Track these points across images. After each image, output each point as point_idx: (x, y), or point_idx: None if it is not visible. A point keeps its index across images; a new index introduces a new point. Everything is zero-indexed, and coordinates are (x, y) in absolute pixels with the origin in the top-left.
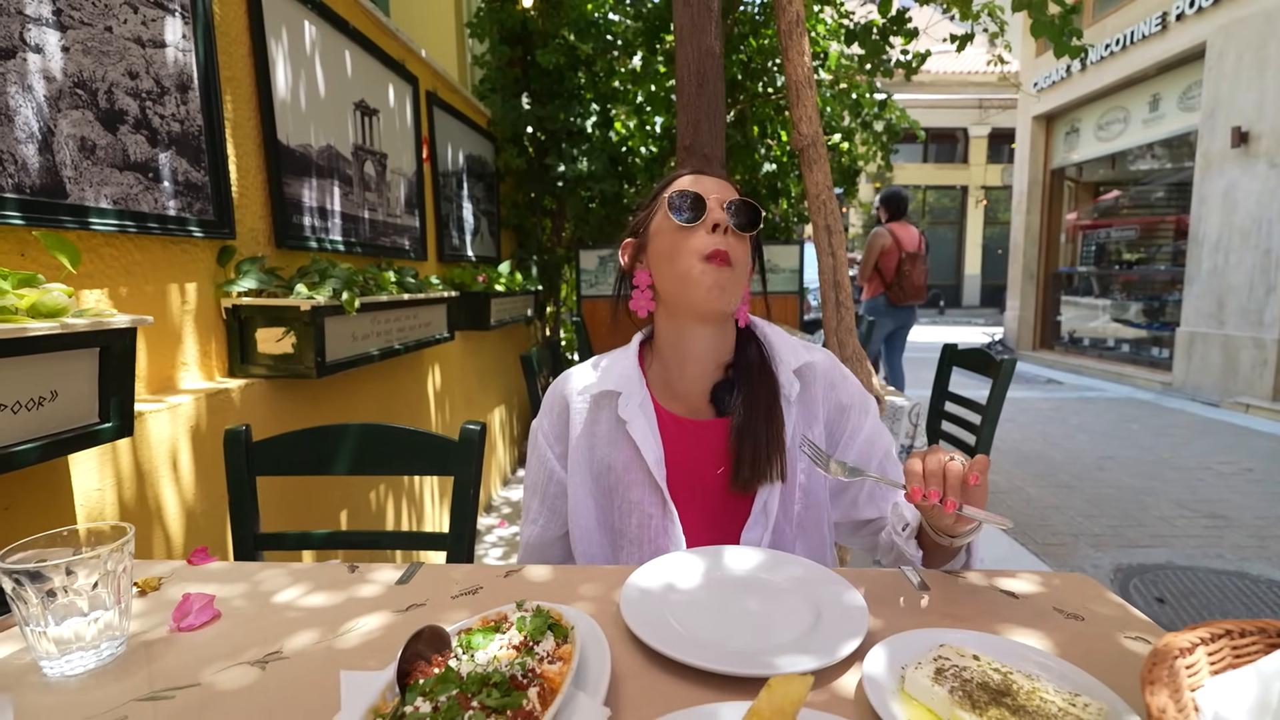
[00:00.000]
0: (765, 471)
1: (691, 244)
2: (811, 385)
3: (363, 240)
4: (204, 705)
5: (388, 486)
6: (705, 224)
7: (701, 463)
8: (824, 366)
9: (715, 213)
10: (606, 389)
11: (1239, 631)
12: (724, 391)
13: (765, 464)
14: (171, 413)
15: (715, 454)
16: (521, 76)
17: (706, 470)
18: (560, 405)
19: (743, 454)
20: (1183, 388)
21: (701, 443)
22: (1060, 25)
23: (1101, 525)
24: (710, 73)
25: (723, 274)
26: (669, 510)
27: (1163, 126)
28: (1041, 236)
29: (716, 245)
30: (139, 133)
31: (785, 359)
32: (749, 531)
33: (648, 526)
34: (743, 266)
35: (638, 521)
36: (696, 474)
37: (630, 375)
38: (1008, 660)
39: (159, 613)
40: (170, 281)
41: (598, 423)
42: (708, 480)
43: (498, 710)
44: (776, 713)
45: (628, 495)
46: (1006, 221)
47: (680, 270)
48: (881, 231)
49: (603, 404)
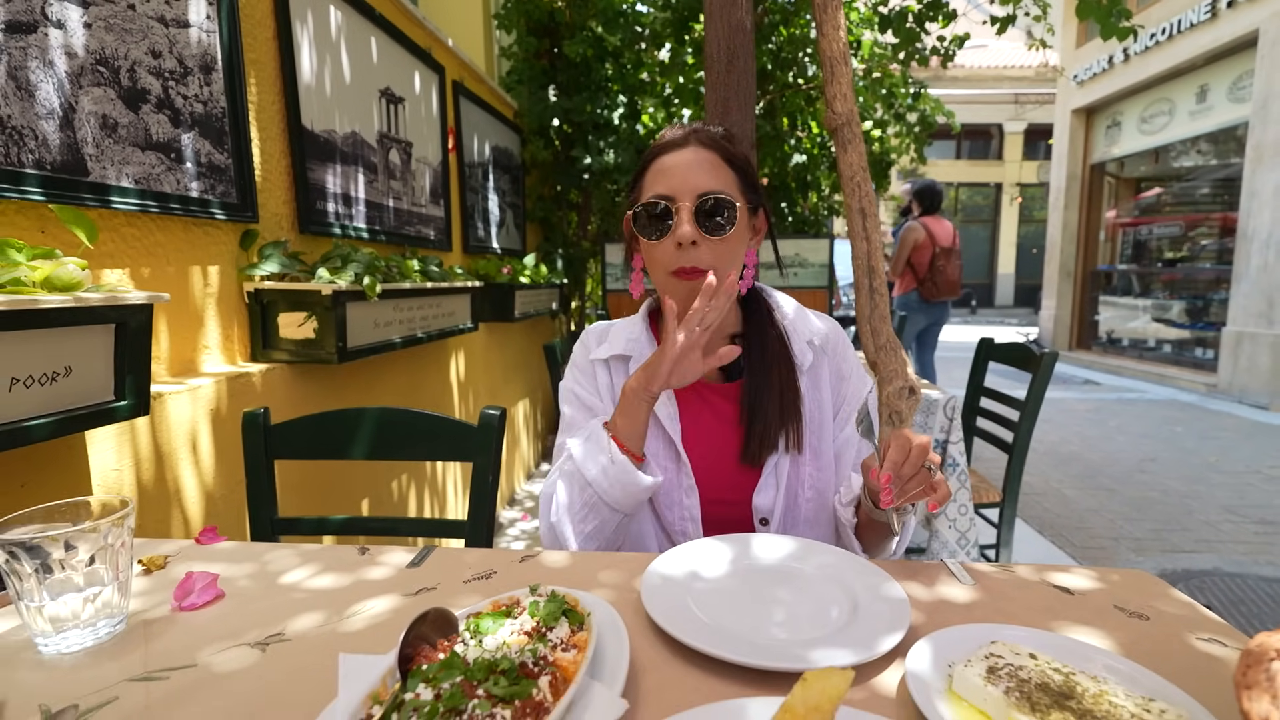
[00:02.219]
0: (773, 442)
1: (660, 258)
2: (821, 354)
3: (387, 228)
4: (198, 687)
5: (409, 475)
6: (671, 239)
7: (713, 424)
8: (831, 334)
9: (682, 227)
10: (617, 353)
11: None
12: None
13: (776, 437)
14: (192, 395)
15: (726, 417)
16: (549, 68)
17: (717, 432)
18: (584, 360)
19: (753, 428)
20: (1229, 389)
21: (711, 406)
22: (1109, 4)
23: (1143, 529)
24: (740, 49)
25: (695, 284)
26: (683, 463)
27: (1211, 118)
28: (1080, 234)
29: (682, 263)
30: (161, 112)
31: (799, 329)
32: (760, 495)
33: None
34: (723, 259)
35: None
36: (708, 435)
37: (639, 339)
38: (1068, 660)
39: (162, 591)
40: (192, 264)
41: (614, 382)
42: (718, 441)
43: (504, 700)
44: (812, 710)
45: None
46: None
47: (658, 279)
48: (915, 225)
49: (616, 367)
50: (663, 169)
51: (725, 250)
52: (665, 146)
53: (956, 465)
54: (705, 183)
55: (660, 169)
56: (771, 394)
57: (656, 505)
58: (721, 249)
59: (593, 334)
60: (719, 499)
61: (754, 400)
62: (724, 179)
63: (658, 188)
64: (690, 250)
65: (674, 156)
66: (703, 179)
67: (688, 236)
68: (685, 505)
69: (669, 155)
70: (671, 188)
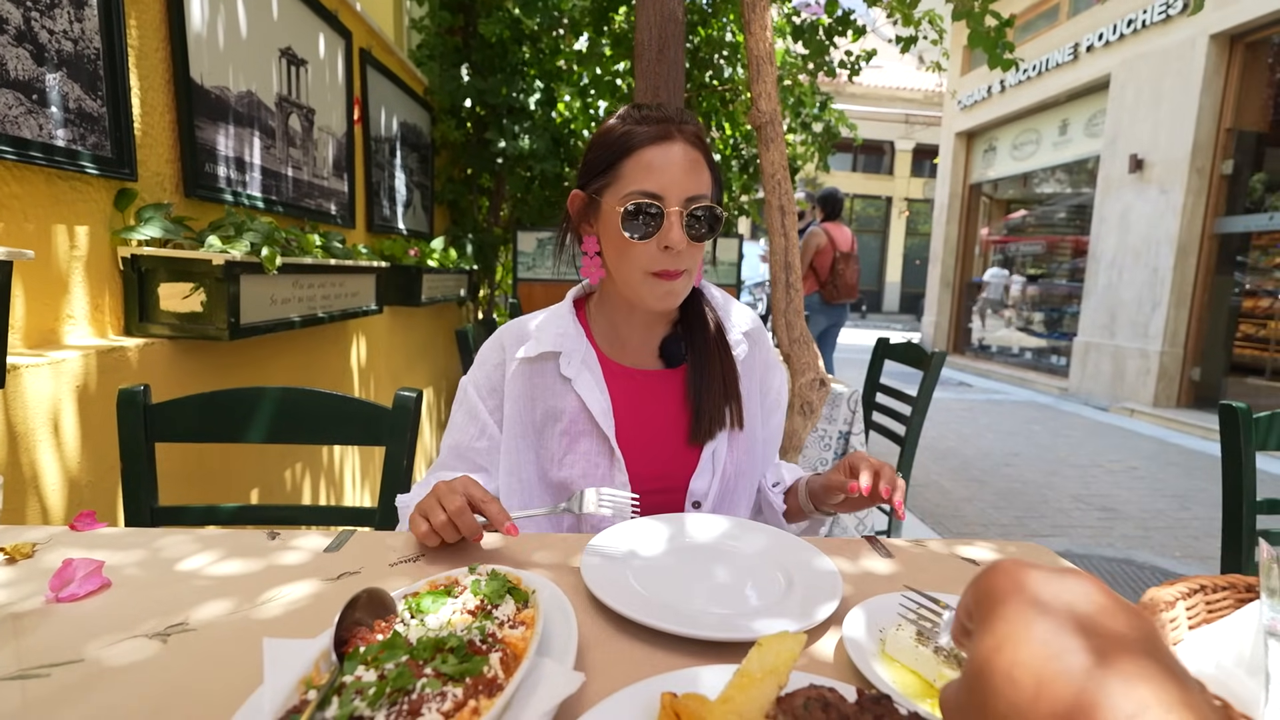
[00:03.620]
0: (723, 420)
1: (639, 257)
2: (754, 345)
3: (285, 199)
4: (90, 683)
5: (305, 463)
6: (658, 242)
7: (650, 412)
8: (757, 326)
9: (672, 232)
10: (545, 350)
11: (1212, 587)
12: (672, 345)
13: (722, 413)
14: (54, 369)
15: (665, 404)
16: (462, 46)
17: (655, 420)
18: (495, 360)
19: (702, 406)
20: (1077, 393)
21: (649, 392)
22: (995, 37)
23: (1008, 516)
24: (671, 38)
25: (672, 285)
26: (616, 459)
27: (1070, 150)
28: (959, 247)
29: (666, 266)
30: (21, 46)
31: (736, 321)
32: (697, 480)
33: (593, 476)
34: (696, 261)
35: (582, 471)
36: (645, 423)
37: (568, 333)
38: None
39: (31, 582)
40: (56, 221)
41: (540, 375)
42: (656, 429)
43: (455, 678)
44: (769, 672)
45: (574, 446)
46: (926, 233)
47: (627, 274)
48: (817, 230)
49: (543, 368)
50: (649, 164)
51: (699, 252)
52: (648, 136)
53: None
54: (695, 187)
55: (646, 163)
56: (714, 374)
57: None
58: (697, 252)
59: (509, 334)
60: (653, 488)
61: (700, 380)
62: (706, 181)
63: (644, 184)
64: (674, 254)
65: (661, 152)
66: (692, 183)
67: (680, 243)
68: (617, 486)
69: (655, 148)
70: (662, 188)
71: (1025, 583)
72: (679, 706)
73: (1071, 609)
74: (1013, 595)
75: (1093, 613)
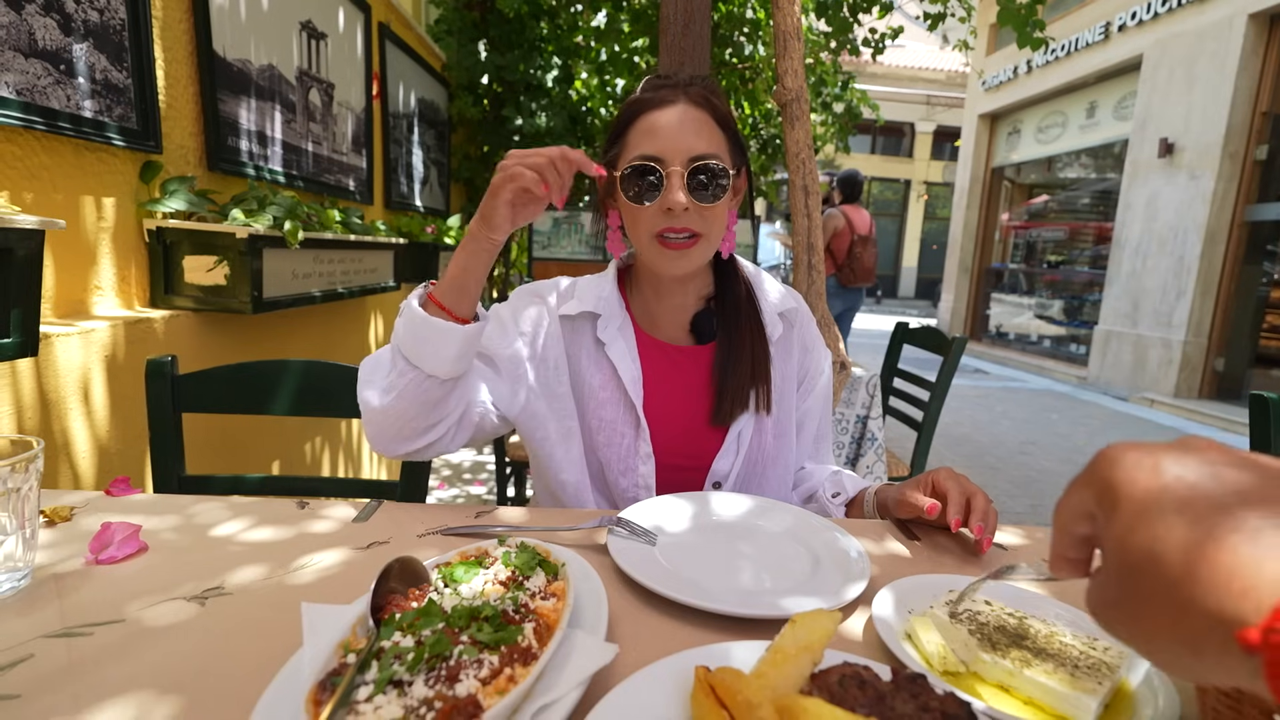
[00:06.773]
0: (746, 402)
1: (645, 221)
2: (790, 327)
3: (305, 174)
4: (130, 642)
5: (324, 437)
6: (659, 205)
7: (680, 387)
8: (798, 307)
9: (674, 194)
10: (586, 310)
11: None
12: (704, 321)
13: (748, 396)
14: (84, 338)
15: (691, 380)
16: (480, 21)
17: (684, 395)
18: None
19: (725, 386)
20: (1096, 382)
21: (678, 368)
22: (1026, 15)
23: (1023, 504)
24: (697, 12)
25: (682, 252)
26: (641, 429)
27: (1098, 133)
28: (978, 233)
29: (670, 224)
30: (49, 15)
31: (771, 299)
32: (720, 460)
33: (618, 446)
34: (711, 226)
35: (606, 439)
36: (674, 398)
37: (609, 298)
38: (1019, 607)
39: (71, 544)
40: (84, 193)
41: (576, 334)
42: (684, 404)
43: (491, 646)
44: (804, 649)
45: (600, 413)
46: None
47: (638, 240)
48: (835, 213)
49: (581, 325)
50: (651, 128)
51: (714, 215)
52: (651, 102)
53: (875, 439)
54: (697, 145)
55: (648, 128)
56: (744, 354)
57: (608, 471)
58: (710, 214)
59: (551, 287)
60: (676, 464)
61: (727, 359)
62: (715, 140)
63: (645, 148)
64: (679, 214)
65: (662, 114)
66: (694, 141)
67: (680, 204)
68: (640, 472)
69: (657, 113)
70: (661, 149)
71: (1144, 460)
72: (714, 680)
73: (1197, 473)
74: (1135, 474)
75: (1218, 471)
